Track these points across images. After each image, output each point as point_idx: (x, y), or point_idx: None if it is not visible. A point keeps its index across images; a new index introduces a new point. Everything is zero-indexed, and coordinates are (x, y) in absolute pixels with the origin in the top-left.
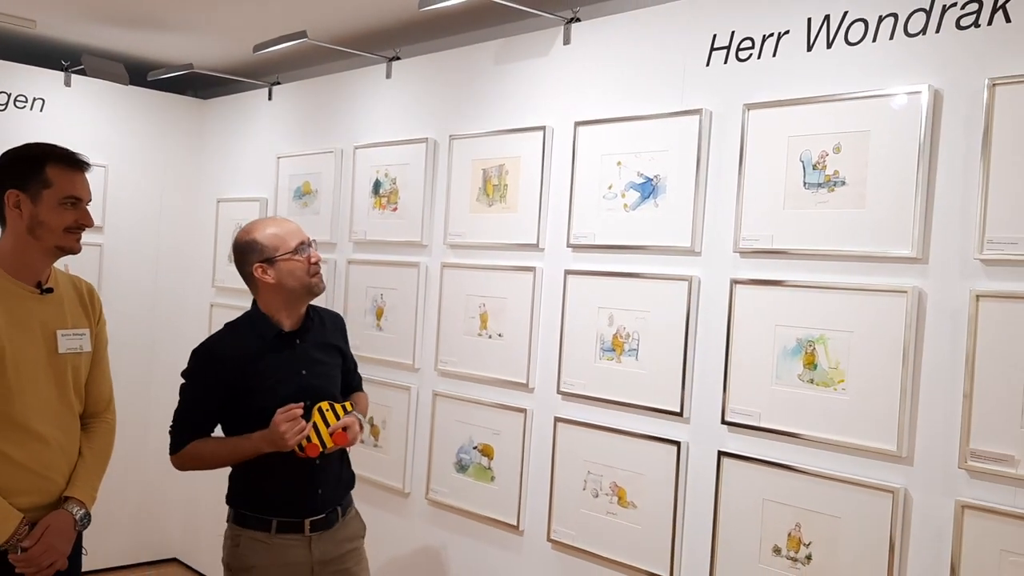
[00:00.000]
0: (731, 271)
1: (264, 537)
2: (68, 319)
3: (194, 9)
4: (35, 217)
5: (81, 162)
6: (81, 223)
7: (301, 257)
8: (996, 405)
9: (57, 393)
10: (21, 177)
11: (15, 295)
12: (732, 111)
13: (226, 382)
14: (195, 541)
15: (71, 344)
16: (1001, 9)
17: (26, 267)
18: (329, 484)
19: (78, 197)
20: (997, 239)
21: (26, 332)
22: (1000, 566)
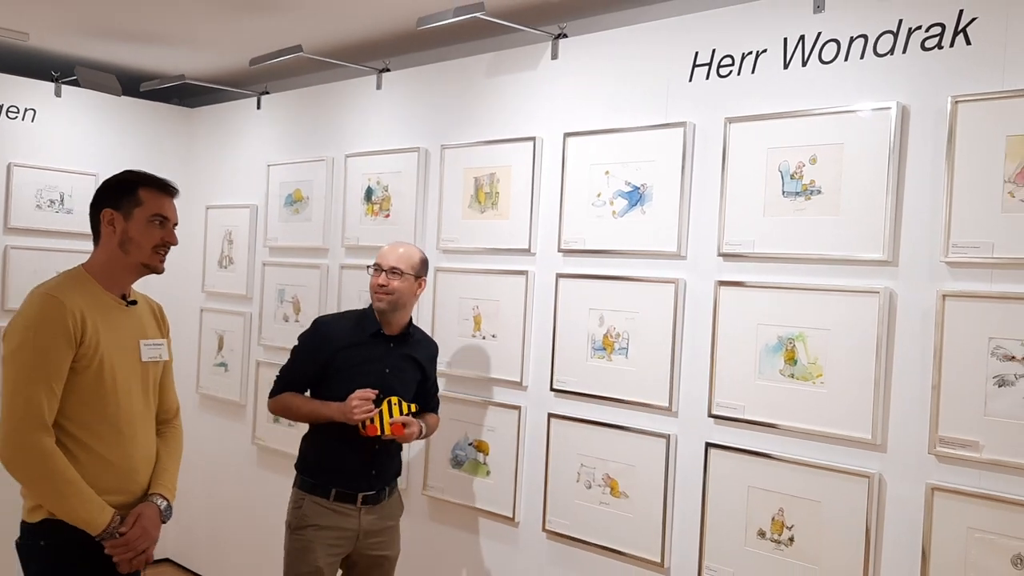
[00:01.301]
0: (715, 274)
1: (323, 503)
2: (148, 330)
3: (186, 22)
4: (126, 233)
5: (170, 187)
6: (167, 241)
7: (371, 275)
8: (961, 395)
9: (142, 399)
10: (116, 197)
11: (109, 306)
12: (714, 124)
13: (323, 354)
14: (188, 542)
15: (152, 353)
16: (962, 33)
17: (115, 281)
18: (383, 467)
19: (165, 216)
20: (961, 243)
21: (119, 341)
22: (967, 542)
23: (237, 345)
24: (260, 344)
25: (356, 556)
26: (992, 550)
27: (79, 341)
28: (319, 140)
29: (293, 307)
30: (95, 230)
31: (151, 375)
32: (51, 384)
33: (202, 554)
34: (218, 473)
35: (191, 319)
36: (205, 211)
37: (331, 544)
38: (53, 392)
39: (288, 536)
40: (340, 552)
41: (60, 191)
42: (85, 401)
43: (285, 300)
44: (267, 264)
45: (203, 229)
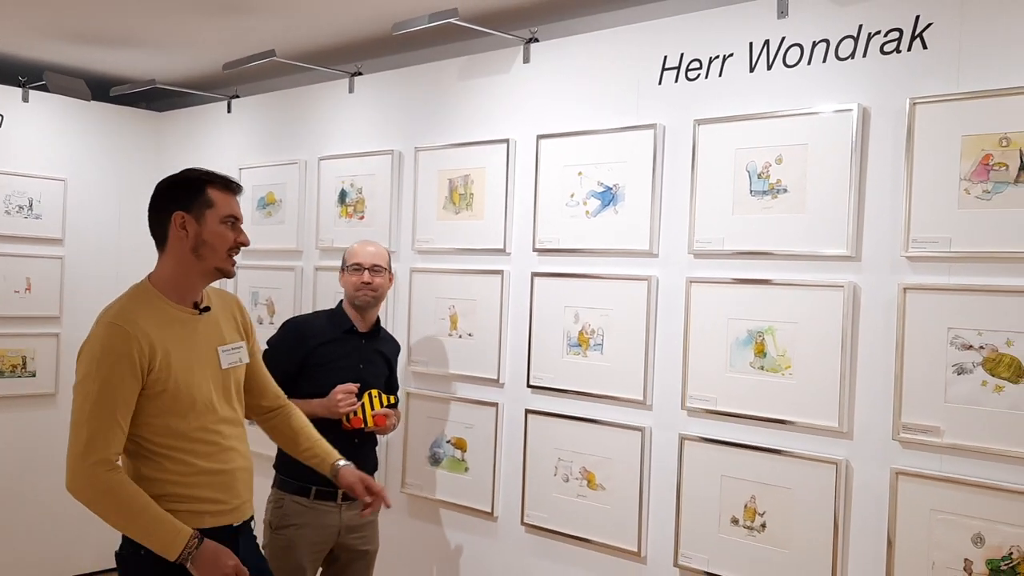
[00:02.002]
0: (686, 271)
1: (304, 501)
2: (225, 335)
3: (156, 26)
4: (199, 237)
5: (237, 185)
6: (240, 242)
7: (353, 274)
8: (923, 383)
9: (228, 405)
10: (185, 199)
11: (179, 320)
12: (683, 126)
13: (298, 353)
14: None
15: (231, 358)
16: (919, 37)
17: (186, 290)
18: (362, 461)
19: (237, 216)
20: (920, 239)
21: (194, 355)
22: (930, 523)
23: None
24: None
25: (337, 551)
26: (954, 530)
27: (148, 368)
28: (291, 143)
29: (267, 309)
30: (161, 234)
31: (233, 379)
32: (115, 417)
33: None
34: None
35: None
36: None
37: (313, 542)
38: (118, 424)
39: (269, 535)
40: (322, 549)
41: (29, 196)
42: (167, 420)
43: (259, 302)
44: (240, 267)
45: None
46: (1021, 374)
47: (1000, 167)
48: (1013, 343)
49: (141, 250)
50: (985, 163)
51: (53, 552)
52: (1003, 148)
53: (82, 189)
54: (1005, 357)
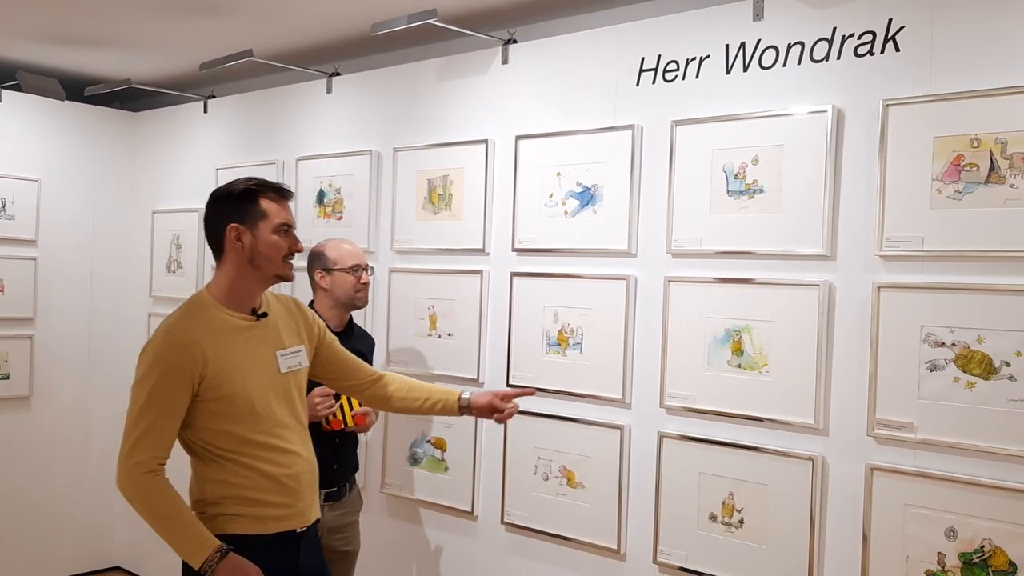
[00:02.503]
0: (665, 270)
1: None
2: (284, 339)
3: (131, 25)
4: (254, 248)
5: (288, 191)
6: (294, 249)
7: (353, 274)
8: (896, 380)
9: (288, 410)
10: (238, 211)
11: (236, 327)
12: (661, 127)
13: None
14: (139, 548)
15: (290, 363)
16: (892, 40)
17: (243, 298)
18: (343, 461)
19: (289, 224)
20: (894, 238)
21: (252, 361)
22: (904, 517)
23: None
24: None
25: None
26: (927, 524)
27: (200, 376)
28: (269, 143)
29: None
30: (217, 246)
31: (294, 383)
32: (163, 423)
33: (153, 560)
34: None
35: (139, 324)
36: (151, 215)
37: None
38: (164, 431)
39: None
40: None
41: (2, 197)
42: (226, 426)
43: None
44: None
45: (149, 233)
46: (992, 370)
47: (971, 168)
48: (984, 340)
49: (116, 251)
50: (956, 164)
51: (28, 555)
52: (974, 149)
53: (56, 190)
54: (976, 354)
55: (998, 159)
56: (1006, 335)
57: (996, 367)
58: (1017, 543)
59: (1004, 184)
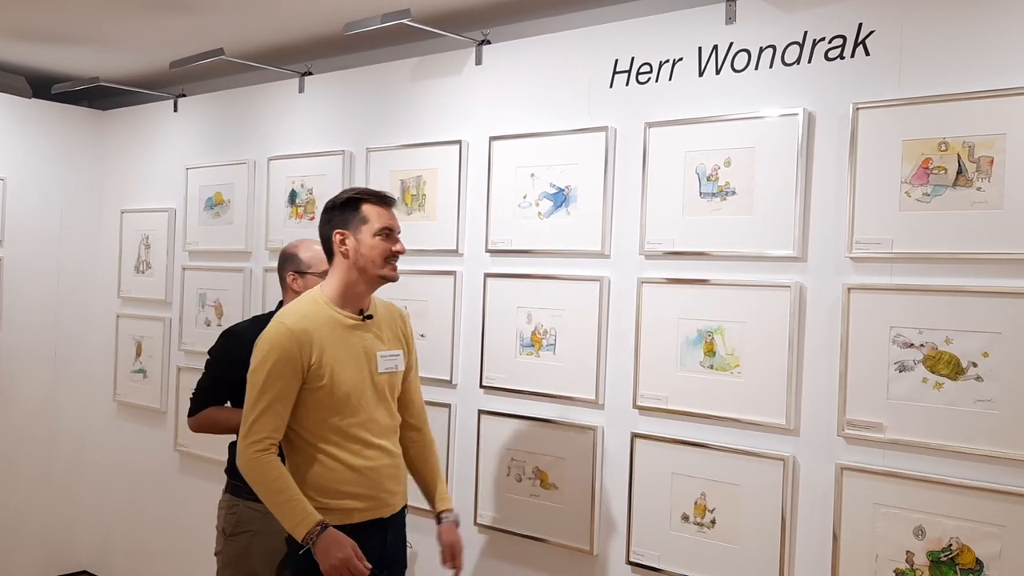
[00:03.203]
0: (638, 272)
1: (258, 507)
2: (385, 342)
3: (99, 22)
4: (357, 251)
5: (389, 198)
6: (395, 251)
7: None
8: (866, 381)
9: (382, 408)
10: (342, 218)
11: (343, 325)
12: (634, 128)
13: (245, 362)
14: (106, 551)
15: (388, 364)
16: (862, 44)
17: (351, 298)
18: None
19: (391, 228)
20: (863, 240)
21: (353, 356)
22: (873, 516)
23: (156, 351)
24: (181, 349)
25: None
26: (896, 523)
27: (308, 365)
28: (240, 143)
29: (215, 311)
30: (329, 251)
31: (388, 384)
32: (276, 406)
33: (121, 565)
34: (138, 481)
35: (107, 325)
36: (120, 215)
37: (268, 549)
38: (278, 413)
39: (223, 542)
40: (277, 555)
41: None
42: (322, 416)
43: (207, 304)
44: (187, 268)
45: (118, 234)
46: (959, 371)
47: (939, 171)
48: (952, 341)
49: (84, 251)
50: (925, 167)
51: None
52: (942, 152)
53: (22, 189)
54: (944, 355)
55: (965, 162)
56: (973, 336)
57: (963, 368)
58: (984, 542)
59: (971, 187)
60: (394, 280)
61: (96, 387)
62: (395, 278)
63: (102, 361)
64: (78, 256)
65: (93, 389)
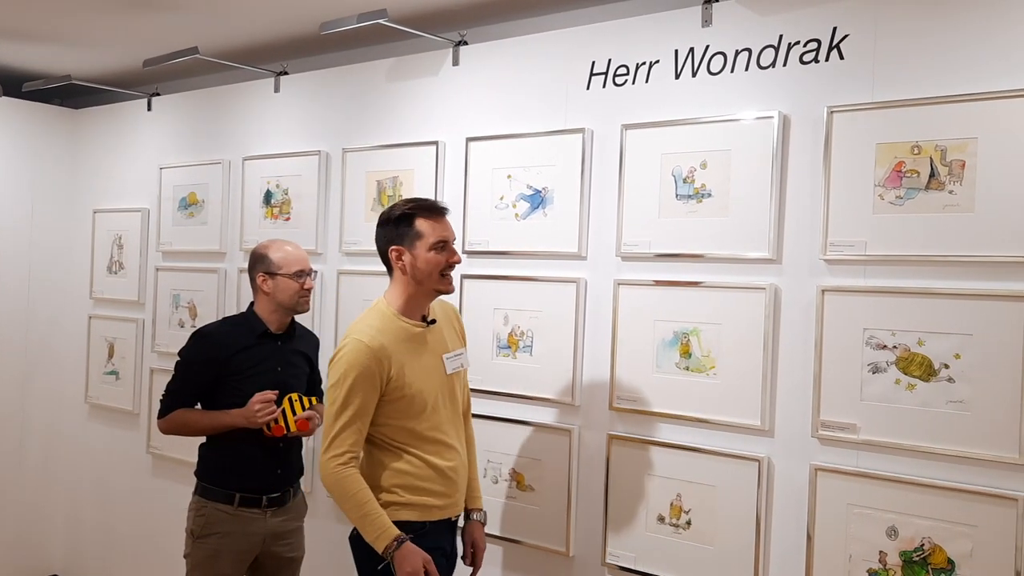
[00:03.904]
0: (614, 273)
1: (228, 509)
2: (448, 343)
3: (72, 19)
4: (414, 265)
5: (443, 209)
6: (451, 263)
7: (296, 280)
8: (840, 382)
9: (452, 408)
10: (397, 234)
11: (411, 333)
12: (611, 130)
13: (214, 364)
14: (78, 554)
15: (455, 364)
16: (836, 48)
17: (413, 308)
18: (288, 466)
19: (445, 240)
20: (837, 242)
21: (425, 364)
22: (847, 517)
23: (129, 352)
24: (154, 351)
25: (263, 559)
26: (869, 523)
27: (387, 378)
28: (215, 143)
29: (189, 312)
30: (387, 265)
31: (457, 383)
32: (356, 422)
33: (93, 568)
34: (110, 484)
35: (79, 326)
36: (92, 215)
37: (238, 550)
38: (358, 428)
39: (192, 544)
40: (247, 558)
41: None
42: (404, 422)
43: (180, 305)
44: (160, 269)
45: (90, 234)
46: (931, 372)
47: (912, 174)
48: (924, 342)
49: (55, 252)
50: (898, 170)
51: None
52: (915, 156)
53: None
54: (917, 356)
55: (938, 166)
56: (945, 338)
57: (936, 369)
58: (955, 541)
59: (943, 190)
60: (449, 292)
61: (68, 389)
62: (451, 290)
63: (74, 362)
64: (50, 256)
65: (64, 391)
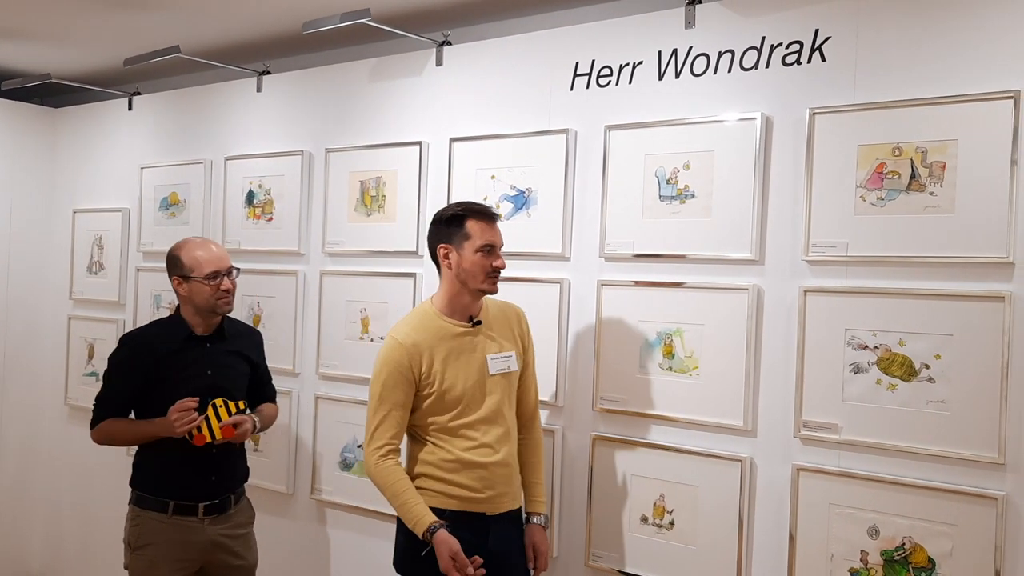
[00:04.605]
0: (598, 274)
1: (162, 518)
2: (497, 344)
3: (51, 17)
4: (460, 265)
5: (494, 214)
6: (496, 267)
7: (210, 283)
8: (822, 382)
9: (495, 408)
10: (447, 233)
11: (453, 333)
12: (594, 131)
13: (143, 370)
14: (57, 558)
15: (499, 366)
16: (818, 50)
17: (458, 308)
18: (223, 473)
19: (492, 244)
20: (819, 243)
21: (465, 362)
22: (829, 517)
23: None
24: None
25: (210, 568)
26: (851, 523)
27: (419, 375)
28: (196, 142)
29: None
30: (436, 263)
31: (501, 385)
32: (394, 414)
33: (72, 571)
34: (90, 486)
35: (59, 327)
36: (72, 215)
37: (176, 559)
38: (396, 420)
39: (129, 555)
40: (188, 567)
41: None
42: (434, 416)
43: (161, 306)
44: (141, 269)
45: (70, 234)
46: (912, 372)
47: (893, 175)
48: (905, 343)
49: (34, 252)
50: (879, 171)
51: None
52: (896, 157)
53: None
54: (898, 356)
55: (919, 167)
56: (926, 338)
57: (916, 369)
58: (936, 540)
59: (924, 192)
60: (493, 293)
61: (47, 390)
62: (494, 292)
63: (53, 364)
64: (29, 257)
65: (43, 392)
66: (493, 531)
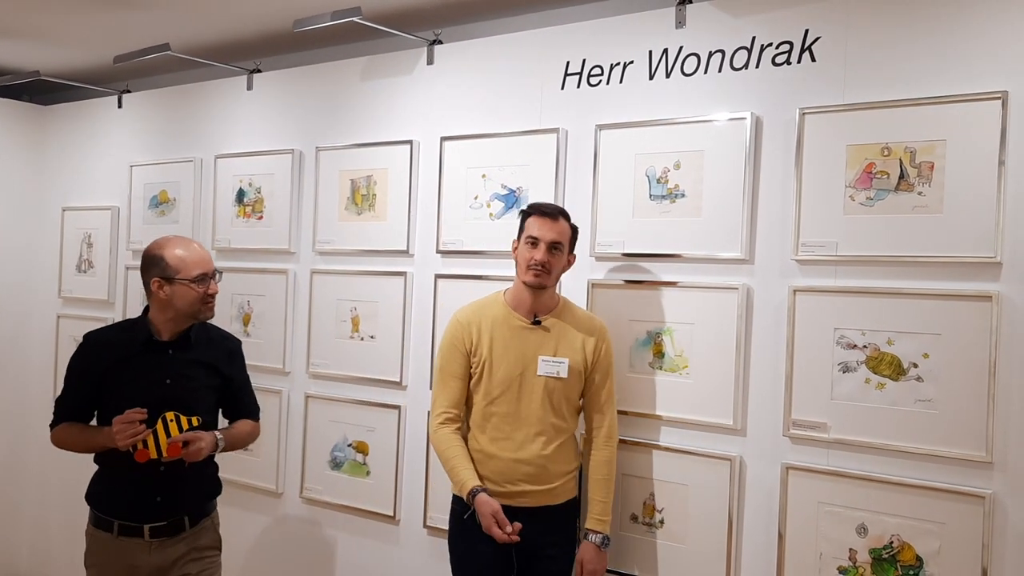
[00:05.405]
0: (588, 273)
1: (108, 538)
2: (556, 348)
3: (41, 15)
4: (517, 258)
5: (547, 211)
6: (535, 259)
7: (197, 287)
8: (811, 381)
9: (536, 408)
10: (519, 229)
11: (511, 324)
12: (585, 130)
13: (97, 373)
14: (45, 562)
15: (548, 369)
16: (808, 51)
17: (520, 302)
18: (171, 493)
19: (536, 237)
20: (809, 243)
21: (515, 355)
22: (817, 515)
23: None
24: None
25: None
26: (839, 521)
27: (471, 349)
28: (186, 140)
29: None
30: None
31: (547, 388)
32: (451, 383)
33: (59, 570)
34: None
35: (47, 326)
36: (61, 213)
37: None
38: (453, 389)
39: (86, 572)
40: None
41: None
42: (477, 396)
43: None
44: (131, 268)
45: (59, 232)
46: (901, 371)
47: (882, 175)
48: (894, 342)
49: (23, 250)
50: (868, 171)
51: None
52: (884, 157)
53: None
54: (886, 356)
55: (907, 167)
56: (914, 337)
57: (904, 368)
58: (923, 539)
59: (913, 192)
60: (531, 286)
61: (35, 389)
62: (532, 283)
63: (41, 362)
64: (17, 255)
65: (32, 391)
66: (527, 525)
